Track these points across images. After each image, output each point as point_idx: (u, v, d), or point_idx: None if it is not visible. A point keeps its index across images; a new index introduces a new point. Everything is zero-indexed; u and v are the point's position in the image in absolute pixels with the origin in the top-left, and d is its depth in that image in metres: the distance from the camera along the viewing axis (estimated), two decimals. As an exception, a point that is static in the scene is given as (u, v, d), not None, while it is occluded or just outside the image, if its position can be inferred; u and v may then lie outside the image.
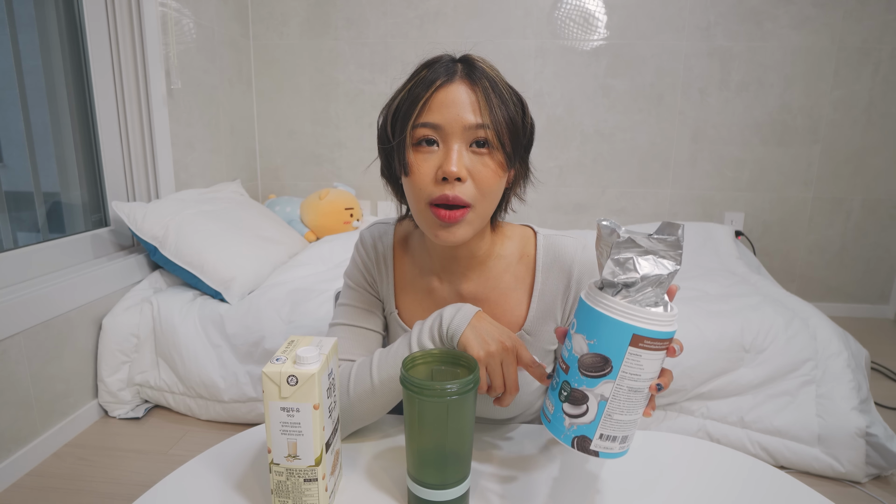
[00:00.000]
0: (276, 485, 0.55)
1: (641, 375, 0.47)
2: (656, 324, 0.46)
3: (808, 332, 1.53)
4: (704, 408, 1.55)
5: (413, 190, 0.64)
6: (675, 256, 0.47)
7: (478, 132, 0.61)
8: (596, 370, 0.47)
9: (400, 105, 0.64)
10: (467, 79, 0.62)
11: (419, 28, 2.70)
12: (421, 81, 0.63)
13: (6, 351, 1.43)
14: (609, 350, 0.46)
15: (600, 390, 0.47)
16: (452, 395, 0.52)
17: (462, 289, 0.73)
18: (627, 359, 0.46)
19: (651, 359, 0.46)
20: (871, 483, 1.45)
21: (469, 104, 0.61)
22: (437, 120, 0.61)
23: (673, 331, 0.47)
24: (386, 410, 0.68)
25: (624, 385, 0.47)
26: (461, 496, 0.56)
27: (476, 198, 0.62)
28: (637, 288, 0.46)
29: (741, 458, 0.68)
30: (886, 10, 2.48)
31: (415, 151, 0.63)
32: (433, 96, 0.61)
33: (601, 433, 0.49)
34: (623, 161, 2.76)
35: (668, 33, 2.60)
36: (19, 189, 1.70)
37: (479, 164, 0.62)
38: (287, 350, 0.55)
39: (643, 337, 0.45)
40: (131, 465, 1.52)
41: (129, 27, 1.88)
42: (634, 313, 0.45)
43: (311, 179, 2.93)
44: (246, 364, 1.70)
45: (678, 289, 0.51)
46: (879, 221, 2.70)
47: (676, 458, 0.67)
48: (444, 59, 0.65)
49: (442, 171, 0.60)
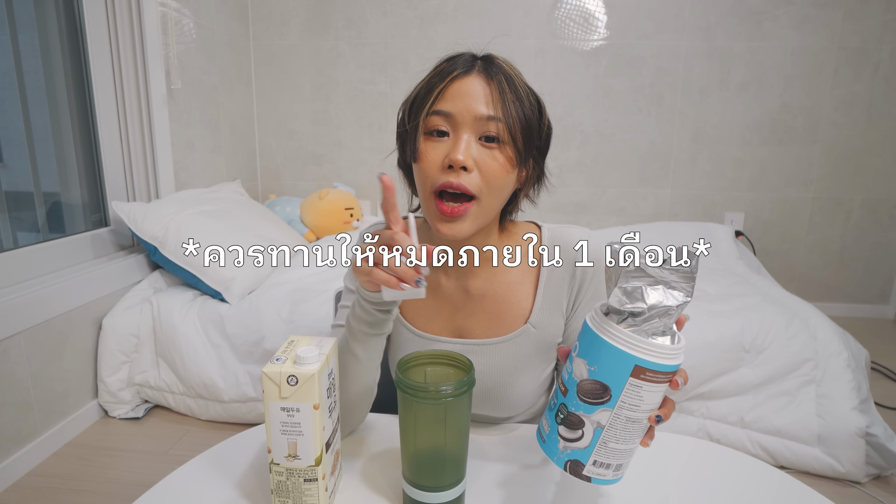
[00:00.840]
0: (277, 485, 0.55)
1: (641, 406, 0.46)
2: (660, 356, 0.45)
3: (808, 332, 1.53)
4: (704, 408, 1.55)
5: (420, 176, 0.65)
6: (688, 288, 0.45)
7: (489, 124, 0.62)
8: (594, 397, 0.46)
9: (417, 94, 0.66)
10: (484, 73, 0.63)
11: (419, 28, 2.70)
12: (439, 73, 0.64)
13: (6, 351, 1.43)
14: (609, 378, 0.45)
15: (597, 417, 0.46)
16: (448, 397, 0.52)
17: (469, 285, 0.73)
18: (627, 389, 0.45)
19: (652, 391, 0.45)
20: (871, 483, 1.45)
21: (483, 96, 0.62)
22: (450, 108, 0.62)
23: (677, 364, 0.46)
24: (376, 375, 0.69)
25: (622, 415, 0.46)
26: (457, 498, 0.56)
27: (482, 189, 0.62)
28: (643, 318, 0.45)
29: (741, 458, 0.67)
30: (886, 10, 2.48)
31: (426, 139, 0.64)
32: (448, 86, 0.63)
33: (595, 459, 0.48)
34: (623, 161, 2.76)
35: (668, 33, 2.60)
36: (19, 189, 1.70)
37: (487, 156, 0.62)
38: (287, 350, 0.55)
39: (645, 369, 0.44)
40: (131, 465, 1.52)
41: (129, 27, 1.88)
42: (638, 344, 0.44)
43: (311, 179, 2.93)
44: (246, 364, 1.70)
45: (688, 319, 0.50)
46: (879, 221, 2.70)
47: (676, 458, 0.67)
48: (466, 54, 0.66)
49: (449, 159, 0.61)
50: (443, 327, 0.75)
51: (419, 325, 0.75)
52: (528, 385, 0.74)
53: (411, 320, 0.76)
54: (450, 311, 0.74)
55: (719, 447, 0.70)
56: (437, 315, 0.75)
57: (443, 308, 0.74)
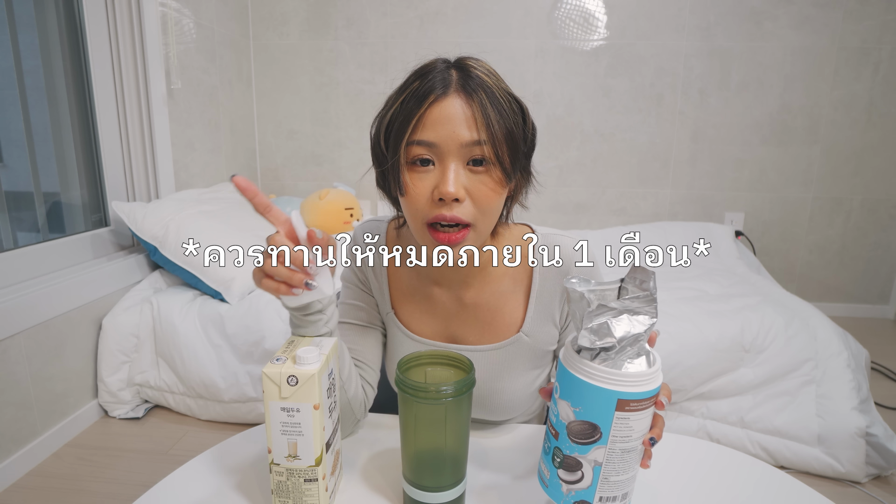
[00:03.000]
0: (277, 485, 0.55)
1: (632, 436, 0.46)
2: (640, 384, 0.45)
3: (808, 332, 1.53)
4: (704, 408, 1.55)
5: (409, 210, 0.62)
6: (651, 311, 0.46)
7: (474, 149, 0.58)
8: (585, 437, 0.46)
9: (392, 120, 0.61)
10: (462, 91, 0.58)
11: (419, 28, 2.70)
12: (414, 95, 0.59)
13: (6, 351, 1.43)
14: (596, 417, 0.45)
15: (593, 456, 0.46)
16: (448, 397, 0.52)
17: (463, 295, 0.72)
18: (616, 423, 0.45)
19: (640, 419, 0.46)
20: (871, 483, 1.45)
21: (465, 119, 0.58)
22: (432, 137, 0.58)
23: (657, 387, 0.46)
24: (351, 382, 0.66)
25: (616, 448, 0.46)
26: (457, 498, 0.56)
27: (476, 217, 0.60)
28: (616, 351, 0.45)
29: (741, 458, 0.67)
30: (886, 10, 2.48)
31: (410, 171, 0.60)
32: (427, 113, 0.58)
33: (600, 496, 0.48)
34: (623, 161, 2.76)
35: (668, 33, 2.60)
36: (19, 189, 1.70)
37: (477, 182, 0.59)
38: (287, 350, 0.55)
39: (629, 401, 0.44)
40: (131, 465, 1.52)
41: (129, 27, 1.88)
42: (616, 378, 0.44)
43: (311, 179, 2.93)
44: (246, 364, 1.70)
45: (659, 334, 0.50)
46: (879, 221, 2.70)
47: (676, 458, 0.67)
48: (438, 66, 0.61)
49: (438, 192, 0.58)
50: (437, 332, 0.75)
51: (414, 329, 0.75)
52: (521, 391, 0.74)
53: (406, 324, 0.76)
54: (444, 319, 0.74)
55: (719, 447, 0.70)
56: (431, 320, 0.75)
57: (437, 315, 0.74)
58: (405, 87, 0.61)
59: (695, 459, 0.68)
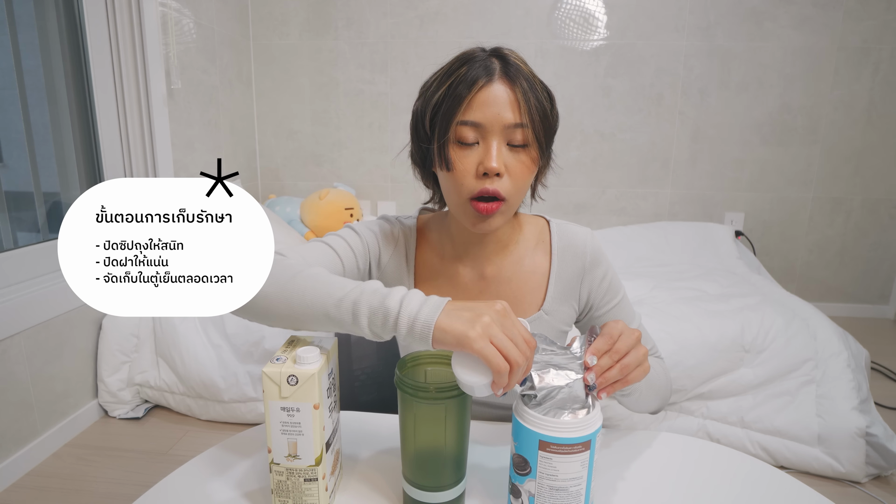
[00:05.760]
0: (277, 485, 0.55)
1: (558, 476, 0.51)
2: (561, 431, 0.50)
3: (808, 332, 1.53)
4: (704, 408, 1.55)
5: (454, 185, 0.66)
6: (577, 366, 0.53)
7: (516, 130, 0.64)
8: (520, 469, 0.52)
9: (440, 102, 0.66)
10: (506, 77, 0.64)
11: (419, 28, 2.70)
12: (462, 80, 0.64)
13: (6, 351, 1.43)
14: (526, 452, 0.51)
15: (527, 487, 0.52)
16: (448, 396, 0.52)
17: (486, 271, 0.76)
18: (540, 461, 0.51)
19: (564, 461, 0.50)
20: (871, 483, 1.45)
21: (509, 104, 0.64)
22: (479, 118, 0.64)
23: (584, 435, 0.50)
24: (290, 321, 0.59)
25: (544, 484, 0.51)
26: (457, 498, 0.56)
27: (510, 192, 0.66)
28: (541, 398, 0.51)
29: (741, 458, 0.68)
30: (886, 10, 2.48)
31: (456, 148, 0.66)
32: (476, 96, 0.64)
33: None
34: (623, 161, 2.76)
35: (668, 33, 2.60)
36: (19, 189, 1.70)
37: (515, 160, 0.65)
38: (287, 350, 0.55)
39: (549, 443, 0.50)
40: (131, 465, 1.52)
41: (129, 27, 1.88)
42: (539, 421, 0.50)
43: (311, 179, 2.93)
44: (246, 364, 1.70)
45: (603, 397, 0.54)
46: (879, 221, 2.70)
47: (676, 458, 0.67)
48: (479, 54, 0.66)
49: (483, 167, 0.64)
50: None
51: None
52: None
53: None
54: (467, 298, 0.75)
55: (719, 447, 0.70)
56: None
57: (458, 296, 0.76)
58: (450, 72, 0.66)
59: (695, 459, 0.68)
